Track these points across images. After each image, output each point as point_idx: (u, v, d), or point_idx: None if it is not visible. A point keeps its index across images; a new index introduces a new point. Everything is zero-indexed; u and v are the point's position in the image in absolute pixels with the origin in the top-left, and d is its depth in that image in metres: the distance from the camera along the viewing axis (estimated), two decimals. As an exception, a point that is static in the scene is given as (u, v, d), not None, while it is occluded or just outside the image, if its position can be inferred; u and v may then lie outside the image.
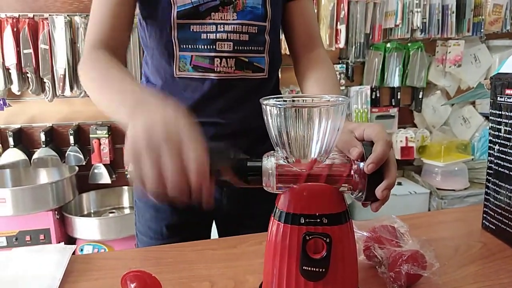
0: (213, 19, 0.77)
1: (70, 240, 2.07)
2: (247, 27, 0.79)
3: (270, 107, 0.54)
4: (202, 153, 0.49)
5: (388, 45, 2.49)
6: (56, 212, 2.02)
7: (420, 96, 2.60)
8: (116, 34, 0.77)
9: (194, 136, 0.50)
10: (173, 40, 0.78)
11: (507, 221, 0.75)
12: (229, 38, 0.78)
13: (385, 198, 0.55)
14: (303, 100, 0.58)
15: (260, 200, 0.64)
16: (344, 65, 2.44)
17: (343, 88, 2.45)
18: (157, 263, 0.71)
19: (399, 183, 2.53)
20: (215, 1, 0.77)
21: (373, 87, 2.53)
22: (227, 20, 0.78)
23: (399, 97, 2.58)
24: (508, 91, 0.72)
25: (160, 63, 0.82)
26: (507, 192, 0.74)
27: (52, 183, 1.99)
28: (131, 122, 0.51)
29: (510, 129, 0.72)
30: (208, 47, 0.78)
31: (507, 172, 0.73)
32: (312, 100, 0.60)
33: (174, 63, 0.80)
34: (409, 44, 2.52)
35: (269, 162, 0.57)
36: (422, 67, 2.53)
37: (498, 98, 0.74)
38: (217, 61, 0.79)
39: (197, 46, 0.78)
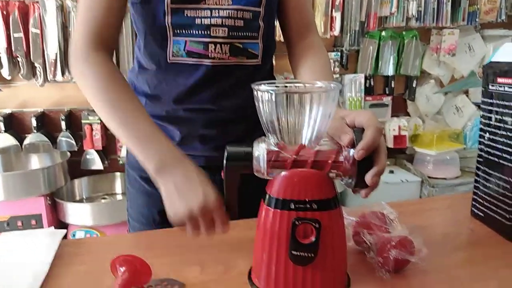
0: (208, 4, 0.76)
1: (62, 225, 2.06)
2: (242, 13, 0.77)
3: (262, 92, 0.54)
4: (220, 207, 0.63)
5: (383, 33, 2.47)
6: (48, 198, 2.01)
7: (414, 85, 2.60)
8: (109, 28, 0.77)
9: (214, 195, 0.63)
10: (167, 25, 0.77)
11: (495, 209, 0.75)
12: (224, 23, 0.77)
13: (374, 185, 0.55)
14: (295, 86, 0.58)
15: (252, 185, 0.64)
16: (339, 53, 2.43)
17: (337, 76, 2.44)
18: (148, 248, 0.71)
19: (391, 171, 2.54)
20: None
21: (367, 75, 2.53)
22: (222, 5, 0.76)
23: (393, 85, 2.58)
24: (500, 80, 0.72)
25: (153, 48, 0.80)
26: (496, 180, 0.75)
27: (44, 169, 1.98)
28: (161, 181, 0.66)
29: (500, 117, 0.72)
30: (202, 33, 0.77)
31: (497, 160, 0.74)
32: (304, 86, 0.60)
33: (168, 48, 0.78)
34: (404, 33, 2.51)
35: (259, 148, 0.57)
36: (416, 55, 2.52)
37: (490, 86, 0.74)
38: (212, 47, 0.77)
39: (191, 31, 0.77)
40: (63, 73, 2.01)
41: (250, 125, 0.80)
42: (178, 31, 0.77)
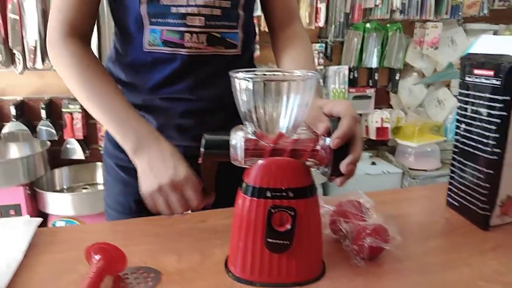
0: None
1: (42, 215, 2.02)
2: (219, 1, 0.76)
3: (239, 81, 0.54)
4: (196, 183, 0.65)
5: (368, 25, 2.48)
6: (27, 188, 1.98)
7: (397, 78, 2.62)
8: (84, 16, 0.76)
9: (186, 170, 0.66)
10: (142, 14, 0.75)
11: (470, 198, 0.77)
12: (200, 12, 0.75)
13: (350, 173, 0.56)
14: (273, 74, 0.58)
15: (229, 174, 0.64)
16: (324, 44, 2.43)
17: (321, 67, 2.44)
18: (124, 236, 0.71)
19: (373, 163, 2.57)
20: None
21: (351, 67, 2.54)
22: None
23: (376, 78, 2.60)
24: (476, 71, 0.73)
25: (129, 36, 0.79)
26: (470, 171, 0.76)
27: (23, 158, 1.94)
28: (137, 161, 0.69)
29: (476, 108, 0.74)
30: (178, 22, 0.75)
31: (472, 150, 0.75)
32: (283, 74, 0.60)
33: (144, 37, 0.77)
34: (388, 25, 2.52)
35: (237, 136, 0.57)
36: (400, 48, 2.54)
37: (467, 78, 0.75)
38: (188, 36, 0.76)
39: (167, 20, 0.75)
40: (43, 61, 1.97)
41: (228, 115, 0.80)
42: (154, 19, 0.75)
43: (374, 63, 2.54)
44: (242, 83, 0.53)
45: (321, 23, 2.34)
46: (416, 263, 0.64)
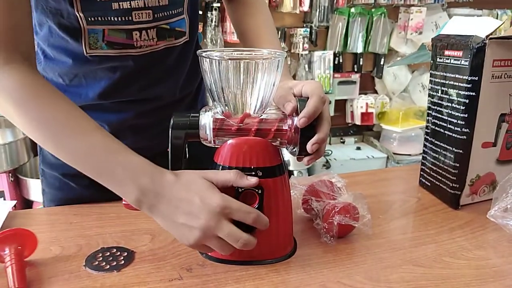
0: None
1: (26, 202, 2.03)
2: None
3: (205, 59, 0.54)
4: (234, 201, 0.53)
5: (352, 9, 2.49)
6: (11, 175, 1.97)
7: (382, 63, 2.64)
8: (26, 30, 0.59)
9: (217, 195, 0.52)
10: (77, 14, 0.63)
11: (440, 178, 0.79)
12: (146, 5, 0.65)
13: (318, 153, 0.57)
14: (240, 54, 0.58)
15: (201, 155, 0.64)
16: (308, 29, 2.43)
17: (306, 52, 2.44)
18: (99, 218, 0.71)
19: (358, 148, 2.60)
20: None
21: (336, 52, 2.54)
22: None
23: (361, 63, 2.61)
24: (447, 52, 0.74)
25: (63, 39, 0.66)
26: (441, 151, 0.77)
27: (5, 144, 1.93)
28: (151, 215, 0.54)
29: (446, 89, 0.75)
30: (123, 19, 0.65)
31: (442, 131, 0.77)
32: (251, 54, 0.60)
33: (83, 39, 0.65)
34: (372, 10, 2.53)
35: (206, 116, 0.57)
36: (384, 33, 2.55)
37: (438, 59, 0.76)
38: (136, 34, 0.66)
39: (109, 18, 0.64)
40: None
41: (192, 104, 0.78)
42: (92, 18, 0.64)
43: (359, 48, 2.55)
44: (209, 62, 0.53)
45: (306, 7, 2.33)
46: (385, 240, 0.65)
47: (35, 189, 1.97)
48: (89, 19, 0.64)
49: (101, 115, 0.72)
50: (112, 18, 0.64)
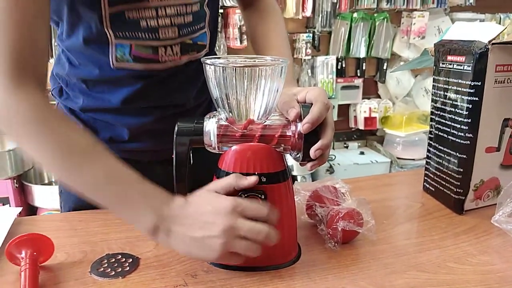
0: (152, 2, 0.65)
1: (31, 208, 2.04)
2: (190, 7, 0.69)
3: (209, 66, 0.54)
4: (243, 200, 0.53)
5: (355, 15, 2.49)
6: (15, 181, 1.98)
7: (385, 67, 2.64)
8: (40, 52, 0.57)
9: (227, 200, 0.53)
10: (106, 31, 0.65)
11: (444, 183, 0.79)
12: (173, 23, 0.68)
13: (321, 159, 0.57)
14: (244, 60, 0.58)
15: (206, 162, 0.65)
16: (311, 34, 2.43)
17: (309, 57, 2.45)
18: (104, 224, 0.71)
19: (362, 153, 2.60)
20: None
21: (339, 57, 2.55)
22: (167, 1, 0.66)
23: (364, 67, 2.62)
24: (449, 57, 0.74)
25: (91, 52, 0.68)
26: (445, 156, 0.77)
27: (10, 151, 1.94)
28: (166, 243, 0.54)
29: (449, 94, 0.75)
30: (150, 36, 0.67)
31: (445, 136, 0.77)
32: (255, 61, 0.60)
33: (110, 53, 0.67)
34: (375, 15, 2.53)
35: (210, 123, 0.58)
36: (387, 38, 2.56)
37: (441, 64, 0.77)
38: (162, 50, 0.69)
39: (137, 34, 0.66)
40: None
41: (207, 110, 0.79)
42: (121, 34, 0.66)
43: (361, 53, 2.55)
44: (213, 69, 0.54)
45: (308, 12, 2.34)
46: (389, 246, 0.65)
47: (39, 195, 1.98)
48: (117, 34, 0.66)
49: (121, 119, 0.74)
50: (139, 34, 0.66)
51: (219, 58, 0.56)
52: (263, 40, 0.78)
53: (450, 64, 0.74)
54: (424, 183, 0.85)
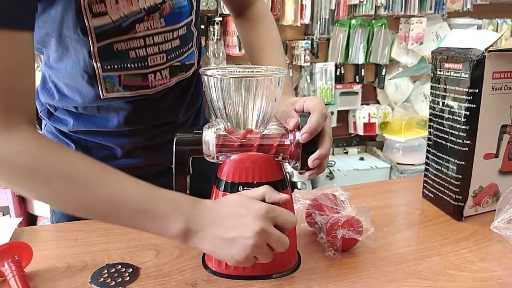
0: (139, 32, 0.65)
1: (31, 217, 2.04)
2: (177, 31, 0.69)
3: (208, 77, 0.55)
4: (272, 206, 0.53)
5: (353, 21, 2.51)
6: (15, 190, 1.98)
7: (383, 73, 2.65)
8: (29, 89, 0.55)
9: (260, 204, 0.52)
10: (94, 64, 0.65)
11: (444, 190, 0.79)
12: (161, 50, 0.68)
13: (319, 168, 0.57)
14: (241, 71, 0.59)
15: (203, 173, 0.65)
16: (309, 41, 2.44)
17: (308, 64, 2.46)
18: (104, 233, 0.72)
19: (361, 158, 2.60)
20: (140, 13, 0.64)
21: (337, 63, 2.56)
22: (155, 28, 0.66)
23: (363, 74, 2.63)
24: (447, 65, 0.75)
25: (78, 83, 0.67)
26: (444, 162, 0.78)
27: (10, 160, 1.94)
28: (195, 245, 0.53)
29: (447, 101, 0.75)
30: (139, 65, 0.67)
31: (444, 143, 0.77)
32: (253, 71, 0.61)
33: (99, 85, 0.67)
34: (373, 21, 2.54)
35: (209, 132, 0.58)
36: (385, 44, 2.57)
37: (438, 71, 0.77)
38: (151, 76, 0.69)
39: (125, 65, 0.66)
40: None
41: (196, 120, 0.80)
42: (109, 67, 0.66)
43: (360, 59, 2.56)
44: (212, 80, 0.54)
45: (307, 20, 2.36)
46: (389, 253, 0.65)
47: (39, 204, 1.98)
48: (106, 67, 0.66)
49: (113, 140, 0.74)
50: (128, 65, 0.67)
51: (217, 68, 0.57)
52: (258, 50, 0.78)
53: (448, 72, 0.74)
54: (424, 190, 0.85)
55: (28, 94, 0.54)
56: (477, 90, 0.70)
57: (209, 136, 0.58)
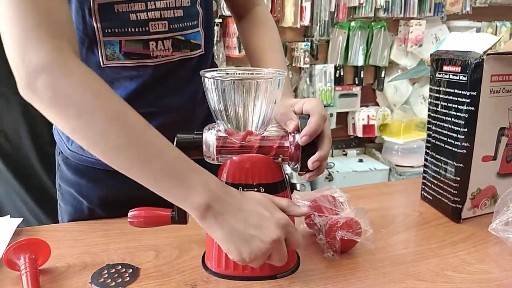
0: None
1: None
2: (180, 1, 0.69)
3: (209, 79, 0.55)
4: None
5: (353, 23, 2.51)
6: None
7: (383, 75, 2.66)
8: (71, 20, 0.55)
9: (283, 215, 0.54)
10: (95, 25, 0.64)
11: (442, 192, 0.79)
12: (162, 16, 0.68)
13: (319, 169, 0.58)
14: (242, 73, 0.59)
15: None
16: (309, 43, 2.45)
17: (307, 66, 2.47)
18: (104, 234, 0.72)
19: (360, 160, 2.60)
20: None
21: (337, 65, 2.57)
22: None
23: (362, 75, 2.63)
24: (445, 68, 0.75)
25: (79, 50, 0.65)
26: (442, 165, 0.78)
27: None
28: (212, 225, 0.52)
29: (446, 104, 0.76)
30: (140, 30, 0.67)
31: (443, 145, 0.77)
32: (253, 73, 0.61)
33: (99, 51, 0.67)
34: (372, 23, 2.55)
35: (209, 134, 0.58)
36: (385, 46, 2.58)
37: (437, 74, 0.78)
38: (153, 44, 0.68)
39: (126, 29, 0.66)
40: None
41: (202, 122, 0.78)
42: (109, 30, 0.66)
43: (359, 61, 2.57)
44: (212, 82, 0.55)
45: (306, 22, 2.36)
46: (387, 255, 0.66)
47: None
48: (106, 30, 0.65)
49: None
50: (129, 29, 0.66)
51: (218, 70, 0.57)
52: (259, 53, 0.79)
53: (446, 74, 0.75)
54: (422, 192, 0.86)
55: (69, 19, 0.54)
56: (475, 93, 0.70)
57: (210, 137, 0.58)
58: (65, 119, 0.50)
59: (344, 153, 2.71)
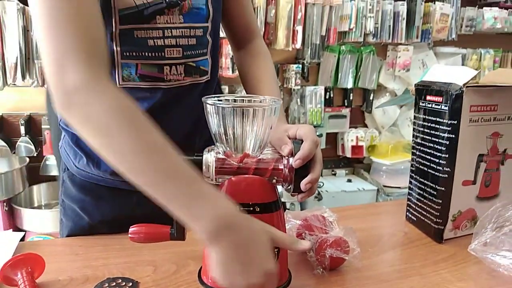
0: (159, 23, 0.70)
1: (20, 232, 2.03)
2: (194, 30, 0.74)
3: (210, 106, 0.59)
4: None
5: (343, 47, 2.59)
6: (5, 204, 1.98)
7: (371, 98, 2.73)
8: (103, 40, 0.57)
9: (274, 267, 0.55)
10: (114, 48, 0.69)
11: (425, 213, 0.84)
12: (178, 43, 0.73)
13: (310, 191, 0.62)
14: (241, 100, 0.64)
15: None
16: (300, 65, 2.52)
17: (298, 87, 2.53)
18: (104, 249, 0.75)
19: (349, 180, 2.65)
20: (161, 3, 0.69)
21: (327, 87, 2.64)
22: (173, 23, 0.71)
23: (351, 98, 2.71)
24: (428, 97, 0.81)
25: None
26: (425, 187, 0.83)
27: (1, 174, 1.94)
28: (214, 247, 0.53)
29: (428, 131, 0.81)
30: (156, 55, 0.72)
31: (426, 169, 0.82)
32: (252, 101, 0.66)
33: (117, 72, 0.71)
34: (362, 48, 2.64)
35: (209, 156, 0.62)
36: (373, 70, 2.66)
37: (421, 103, 0.83)
38: (167, 69, 0.73)
39: (143, 53, 0.71)
40: (23, 77, 1.99)
41: (206, 142, 0.82)
42: (128, 53, 0.70)
43: (349, 83, 2.64)
44: (213, 108, 0.59)
45: (298, 45, 2.43)
46: (374, 273, 0.70)
47: (28, 219, 1.98)
48: (124, 54, 0.70)
49: None
50: (146, 53, 0.71)
51: (218, 97, 0.62)
52: (256, 82, 0.84)
53: (429, 104, 0.80)
54: (407, 213, 0.90)
55: (104, 41, 0.57)
56: (456, 122, 0.75)
57: (209, 159, 0.62)
58: (92, 137, 0.53)
59: (333, 173, 2.76)
